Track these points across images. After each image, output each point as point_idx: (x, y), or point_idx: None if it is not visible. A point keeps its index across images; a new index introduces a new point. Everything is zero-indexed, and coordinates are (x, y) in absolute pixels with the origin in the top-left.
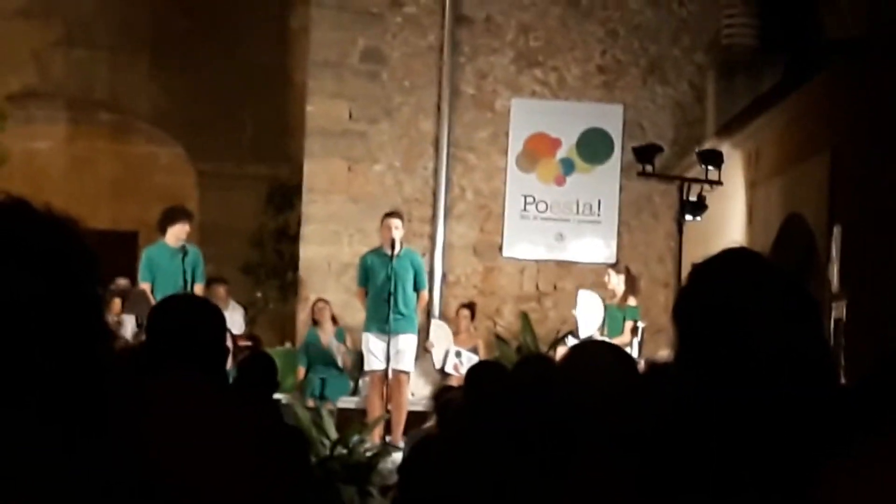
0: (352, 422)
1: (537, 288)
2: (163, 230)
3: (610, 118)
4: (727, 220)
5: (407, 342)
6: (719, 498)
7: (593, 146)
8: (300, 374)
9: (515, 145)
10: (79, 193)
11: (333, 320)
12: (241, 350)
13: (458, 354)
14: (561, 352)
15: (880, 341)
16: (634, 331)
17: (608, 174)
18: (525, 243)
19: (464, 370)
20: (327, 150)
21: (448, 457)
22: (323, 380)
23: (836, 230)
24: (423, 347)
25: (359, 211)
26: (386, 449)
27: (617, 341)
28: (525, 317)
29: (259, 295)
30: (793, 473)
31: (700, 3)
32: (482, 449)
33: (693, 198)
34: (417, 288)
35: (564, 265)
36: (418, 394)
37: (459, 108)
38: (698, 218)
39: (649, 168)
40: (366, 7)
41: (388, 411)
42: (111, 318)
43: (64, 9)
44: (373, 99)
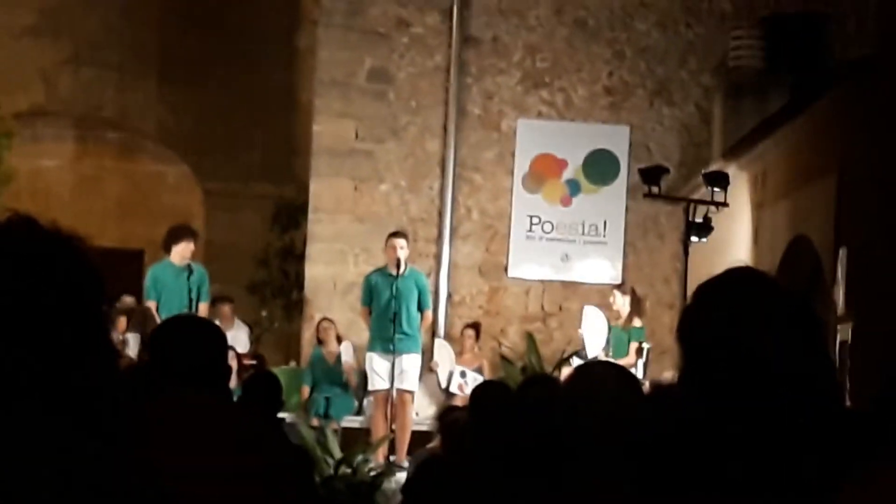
0: (356, 441)
1: (542, 308)
2: (168, 249)
3: (616, 139)
4: (733, 242)
5: (411, 362)
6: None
7: (599, 167)
8: (305, 394)
9: (521, 166)
10: (85, 212)
11: (338, 339)
12: (246, 369)
13: (462, 374)
14: (566, 372)
15: (886, 363)
16: (639, 352)
17: (614, 195)
18: (531, 264)
19: (468, 390)
20: (334, 169)
21: (452, 477)
22: (327, 399)
23: (842, 252)
24: (427, 367)
25: (365, 230)
26: (390, 469)
27: (622, 362)
28: (530, 337)
29: (264, 314)
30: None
31: (707, 26)
32: (486, 469)
33: (699, 219)
34: (422, 308)
35: (570, 286)
36: (422, 413)
37: (466, 128)
38: (704, 239)
39: (655, 189)
40: (373, 27)
41: (392, 431)
42: (116, 335)
43: (72, 28)
44: (379, 119)
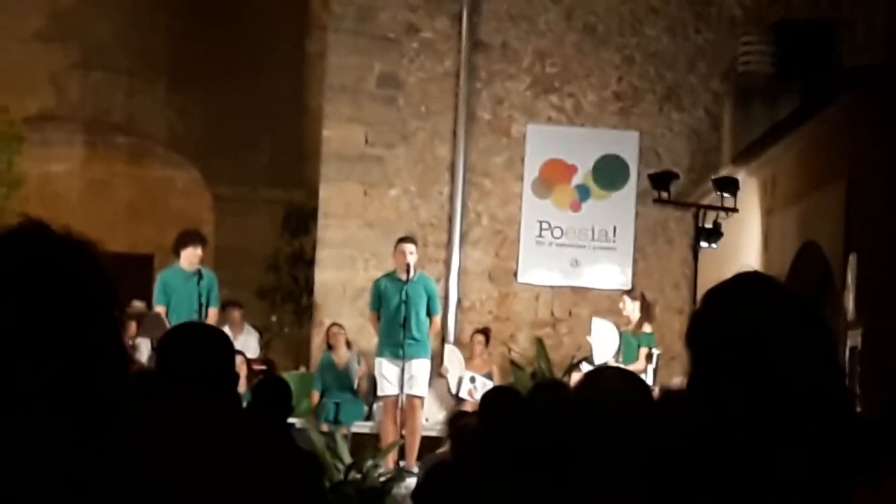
0: (366, 447)
1: (552, 314)
2: (177, 254)
3: (626, 145)
4: (742, 248)
5: (420, 367)
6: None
7: (609, 172)
8: (314, 399)
9: (531, 171)
10: (95, 216)
11: (348, 345)
12: (256, 374)
13: (472, 380)
14: (576, 378)
15: None
16: (649, 357)
17: (624, 200)
18: (540, 269)
19: (478, 395)
20: (343, 174)
21: (462, 482)
22: (337, 404)
23: (852, 258)
24: (437, 373)
25: (374, 236)
26: (400, 474)
27: (632, 368)
28: (540, 343)
29: (274, 319)
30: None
31: (716, 31)
32: (496, 475)
33: (708, 225)
34: (431, 313)
35: (579, 291)
36: (432, 419)
37: (475, 133)
38: (714, 245)
39: (665, 195)
40: (383, 32)
41: (402, 436)
42: (127, 340)
43: (81, 32)
44: (389, 124)
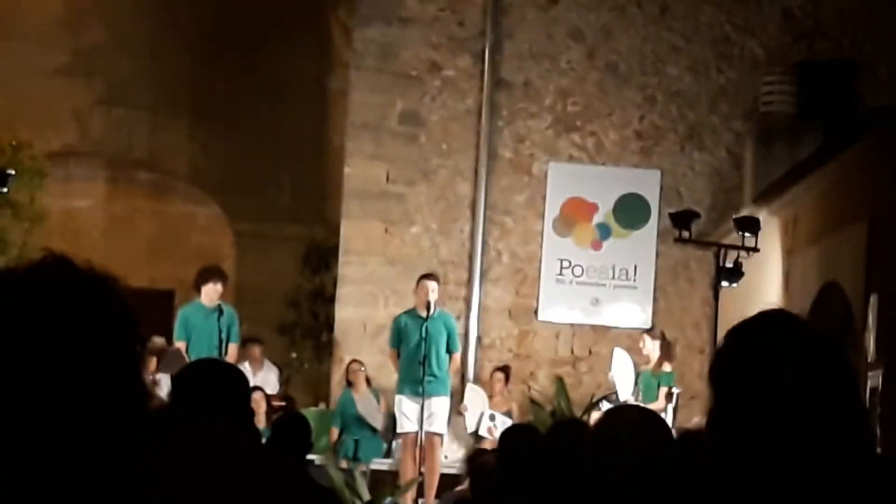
0: (384, 484)
1: (572, 352)
2: (198, 290)
3: (647, 183)
4: (763, 287)
5: (440, 404)
6: None
7: (630, 211)
8: (334, 436)
9: (552, 209)
10: (117, 252)
11: (368, 382)
12: (276, 410)
13: (492, 418)
14: (595, 416)
15: None
16: (669, 397)
17: (645, 239)
18: (560, 307)
19: (497, 433)
20: (364, 211)
21: None
22: (356, 441)
23: (873, 299)
24: (456, 410)
25: (395, 273)
26: None
27: (651, 407)
28: (560, 381)
29: (294, 355)
30: None
31: (739, 71)
32: None
33: (729, 264)
34: (450, 350)
35: (600, 330)
36: (451, 456)
37: (497, 171)
38: (734, 284)
39: (686, 234)
40: (405, 70)
41: (421, 474)
42: (147, 376)
43: (104, 68)
44: (410, 161)
